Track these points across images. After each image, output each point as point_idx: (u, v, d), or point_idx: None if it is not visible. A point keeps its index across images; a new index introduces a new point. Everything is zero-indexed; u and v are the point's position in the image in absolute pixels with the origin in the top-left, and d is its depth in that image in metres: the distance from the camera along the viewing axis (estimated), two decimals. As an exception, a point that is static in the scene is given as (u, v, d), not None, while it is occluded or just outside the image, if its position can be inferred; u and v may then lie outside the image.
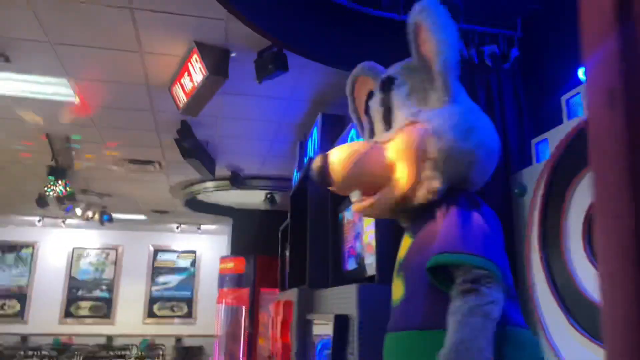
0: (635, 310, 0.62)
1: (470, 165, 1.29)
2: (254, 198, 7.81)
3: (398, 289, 1.29)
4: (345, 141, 3.39)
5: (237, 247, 8.59)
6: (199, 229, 11.32)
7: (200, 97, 3.97)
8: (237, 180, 6.79)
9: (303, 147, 5.22)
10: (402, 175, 1.29)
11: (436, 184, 1.24)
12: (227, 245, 9.35)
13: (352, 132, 3.19)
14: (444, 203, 1.25)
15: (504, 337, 1.09)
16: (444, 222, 1.20)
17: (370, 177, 1.35)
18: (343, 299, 3.16)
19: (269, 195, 7.38)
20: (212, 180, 7.10)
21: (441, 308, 1.08)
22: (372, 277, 2.80)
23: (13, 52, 3.80)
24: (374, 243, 3.12)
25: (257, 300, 7.66)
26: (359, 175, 1.34)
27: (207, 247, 12.09)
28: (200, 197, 8.01)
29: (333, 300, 3.44)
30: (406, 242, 1.35)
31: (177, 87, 4.19)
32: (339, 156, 1.34)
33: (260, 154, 6.29)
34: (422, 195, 1.27)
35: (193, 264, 12.06)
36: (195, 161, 5.49)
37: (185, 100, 4.09)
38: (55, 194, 6.32)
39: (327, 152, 1.37)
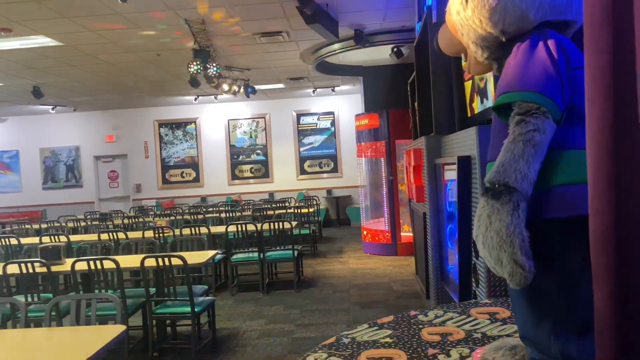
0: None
1: (497, 9, 1.37)
2: (380, 54, 7.88)
3: None
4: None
5: (370, 104, 8.92)
6: (333, 90, 11.79)
7: (312, -38, 4.06)
8: (361, 37, 6.86)
9: (421, -5, 5.09)
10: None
11: (473, 49, 1.43)
12: (361, 103, 9.72)
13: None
14: (515, 46, 1.38)
15: (560, 159, 1.27)
16: (508, 63, 1.36)
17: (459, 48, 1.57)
18: (465, 141, 3.38)
19: (394, 49, 7.38)
20: (337, 41, 7.26)
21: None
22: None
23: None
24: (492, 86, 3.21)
25: (393, 151, 8.11)
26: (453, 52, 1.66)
27: (343, 106, 12.65)
28: (329, 59, 8.28)
29: (457, 144, 3.67)
30: None
31: (289, -44, 4.31)
32: (440, 38, 1.67)
33: (380, 8, 6.24)
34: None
35: (332, 123, 12.79)
36: (318, 25, 5.69)
37: (299, -33, 4.21)
38: (196, 73, 6.97)
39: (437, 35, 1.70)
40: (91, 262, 3.95)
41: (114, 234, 6.08)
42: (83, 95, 10.71)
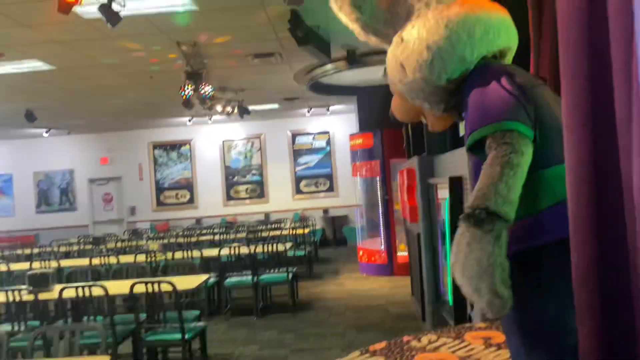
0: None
1: (427, 61, 1.39)
2: (374, 74, 7.88)
3: None
4: None
5: (365, 123, 8.92)
6: (327, 110, 11.82)
7: (300, -15, 4.08)
8: (353, 58, 6.89)
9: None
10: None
11: (428, 107, 1.48)
12: (356, 123, 9.73)
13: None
14: (463, 89, 1.40)
15: (543, 179, 1.26)
16: (467, 106, 1.37)
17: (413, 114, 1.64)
18: (457, 161, 3.36)
19: (386, 70, 7.40)
20: (329, 62, 7.29)
21: None
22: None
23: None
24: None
25: (388, 170, 8.09)
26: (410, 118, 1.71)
27: (338, 126, 12.67)
28: (322, 80, 8.31)
29: (449, 164, 3.65)
30: None
31: (279, -21, 4.34)
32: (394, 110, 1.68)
33: (372, 29, 6.26)
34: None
35: (328, 143, 12.79)
36: (310, 47, 5.70)
37: (288, -10, 4.24)
38: (191, 95, 6.95)
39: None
40: (79, 289, 3.88)
41: (106, 258, 6.00)
42: (76, 118, 10.69)
